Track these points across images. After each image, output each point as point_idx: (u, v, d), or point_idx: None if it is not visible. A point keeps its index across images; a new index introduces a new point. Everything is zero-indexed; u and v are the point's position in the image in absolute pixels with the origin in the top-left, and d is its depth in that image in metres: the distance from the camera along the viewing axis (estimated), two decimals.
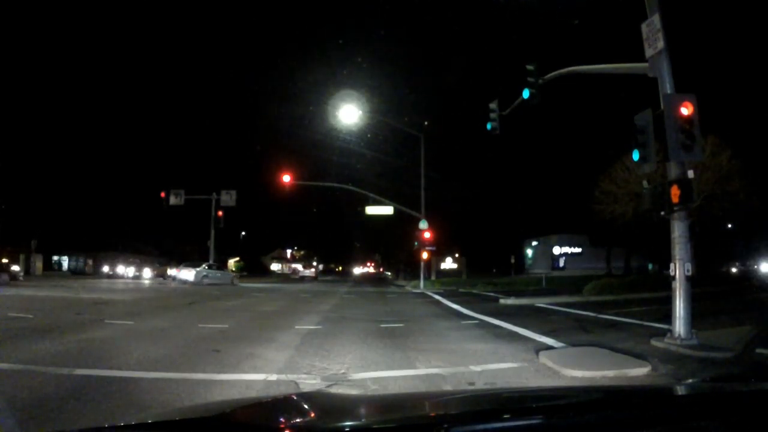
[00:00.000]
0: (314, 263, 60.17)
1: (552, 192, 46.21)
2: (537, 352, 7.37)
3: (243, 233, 66.20)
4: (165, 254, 53.11)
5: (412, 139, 25.02)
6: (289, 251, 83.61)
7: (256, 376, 5.93)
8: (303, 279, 50.44)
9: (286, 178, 24.53)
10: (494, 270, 52.58)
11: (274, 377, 5.90)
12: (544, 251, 54.49)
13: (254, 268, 68.24)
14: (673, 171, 8.25)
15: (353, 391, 5.36)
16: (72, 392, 4.93)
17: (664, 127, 7.96)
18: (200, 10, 65.10)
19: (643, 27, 8.67)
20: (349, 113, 21.46)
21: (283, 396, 1.96)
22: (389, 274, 75.41)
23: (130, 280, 38.83)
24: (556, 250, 54.87)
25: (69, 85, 63.90)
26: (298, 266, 62.70)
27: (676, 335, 8.04)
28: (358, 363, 6.79)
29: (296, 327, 10.42)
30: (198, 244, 47.41)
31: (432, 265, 37.17)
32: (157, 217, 45.62)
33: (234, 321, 11.41)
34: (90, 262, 48.39)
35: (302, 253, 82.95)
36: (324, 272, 66.86)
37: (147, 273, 43.35)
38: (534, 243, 57.17)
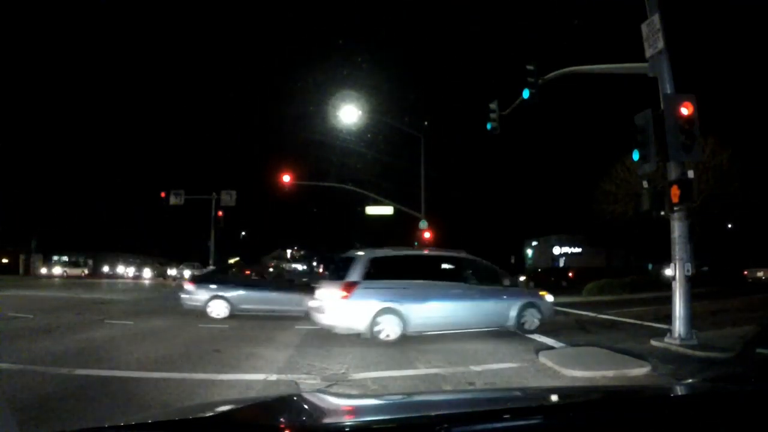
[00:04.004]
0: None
1: (552, 192, 46.16)
2: (537, 352, 7.37)
3: (243, 233, 66.19)
4: (165, 254, 53.09)
5: (412, 139, 24.96)
6: (289, 251, 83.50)
7: (256, 376, 5.93)
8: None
9: (286, 178, 24.47)
10: None
11: (274, 377, 5.91)
12: (544, 251, 54.47)
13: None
14: (673, 171, 8.25)
15: (353, 391, 5.37)
16: (72, 392, 4.94)
17: (664, 127, 7.96)
18: (200, 10, 65.15)
19: (643, 27, 8.66)
20: (349, 113, 21.41)
21: (283, 396, 1.95)
22: None
23: (130, 280, 38.84)
24: (556, 250, 54.81)
25: (69, 85, 63.90)
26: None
27: (676, 335, 8.04)
28: (358, 363, 6.79)
29: (296, 327, 10.41)
30: (198, 244, 47.40)
31: None
32: (157, 217, 45.61)
33: (234, 321, 11.41)
34: (90, 262, 48.42)
35: (302, 253, 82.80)
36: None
37: (147, 273, 43.37)
38: (534, 243, 57.14)
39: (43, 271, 43.37)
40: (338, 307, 8.56)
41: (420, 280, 9.14)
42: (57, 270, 42.81)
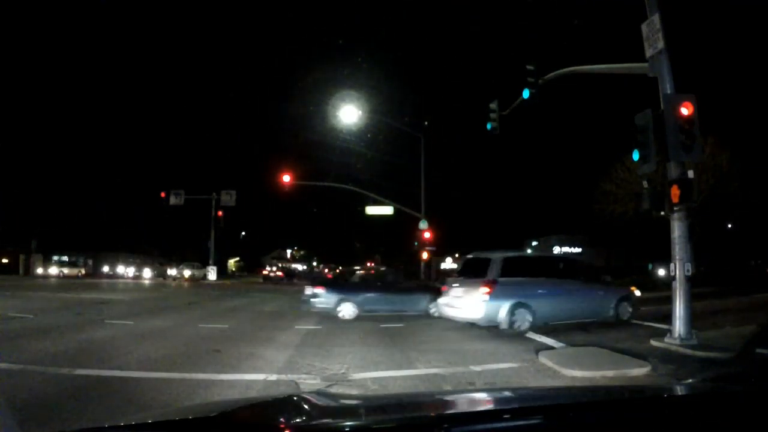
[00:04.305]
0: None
1: (552, 192, 46.20)
2: (537, 352, 7.37)
3: (243, 233, 66.18)
4: (165, 254, 53.07)
5: (412, 139, 24.97)
6: (289, 251, 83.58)
7: (256, 376, 5.93)
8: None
9: (286, 178, 24.47)
10: None
11: (274, 377, 5.91)
12: (544, 251, 54.48)
13: (254, 269, 68.21)
14: (673, 171, 8.25)
15: (353, 391, 5.37)
16: (72, 392, 4.94)
17: (664, 127, 7.96)
18: (200, 10, 65.14)
19: (643, 27, 8.66)
20: (349, 113, 21.42)
21: (283, 396, 1.95)
22: None
23: (129, 280, 38.85)
24: (556, 250, 54.84)
25: (69, 85, 63.86)
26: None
27: (676, 335, 8.04)
28: (358, 363, 6.79)
29: (296, 327, 10.42)
30: (198, 244, 47.42)
31: (432, 265, 37.10)
32: (157, 217, 45.63)
33: (234, 321, 11.42)
34: (90, 262, 48.39)
35: (302, 253, 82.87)
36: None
37: (147, 273, 43.37)
38: (534, 243, 57.16)
39: (40, 271, 43.32)
40: (480, 302, 9.44)
41: (543, 278, 10.29)
42: (53, 270, 42.71)
